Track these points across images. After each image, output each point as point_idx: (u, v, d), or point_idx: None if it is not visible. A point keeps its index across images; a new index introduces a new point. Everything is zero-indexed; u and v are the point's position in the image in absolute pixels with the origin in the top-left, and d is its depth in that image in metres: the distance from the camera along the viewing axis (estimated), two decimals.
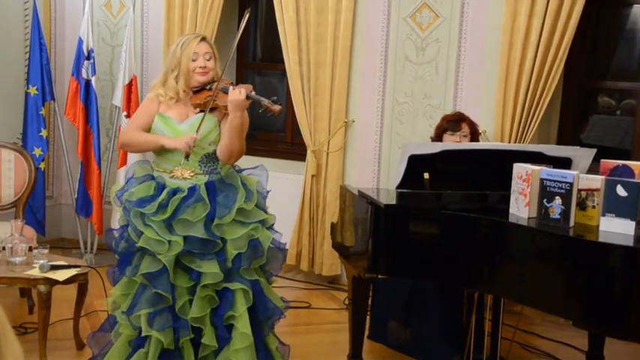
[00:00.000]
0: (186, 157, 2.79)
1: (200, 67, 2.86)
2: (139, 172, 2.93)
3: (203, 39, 2.91)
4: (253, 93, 2.80)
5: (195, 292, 2.78)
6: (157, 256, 2.74)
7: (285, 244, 3.08)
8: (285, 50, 4.75)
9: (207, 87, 2.89)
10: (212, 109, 2.83)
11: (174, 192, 2.81)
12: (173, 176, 2.85)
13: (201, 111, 2.84)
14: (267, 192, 2.96)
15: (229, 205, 2.80)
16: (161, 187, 2.84)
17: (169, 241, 2.75)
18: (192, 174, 2.84)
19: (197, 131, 2.78)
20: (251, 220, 2.83)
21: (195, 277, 2.77)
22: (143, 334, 2.77)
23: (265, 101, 2.76)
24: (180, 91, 2.88)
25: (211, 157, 2.87)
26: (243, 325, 2.78)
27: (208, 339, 2.78)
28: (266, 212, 2.91)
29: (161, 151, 2.88)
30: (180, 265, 2.78)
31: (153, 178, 2.89)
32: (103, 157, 5.20)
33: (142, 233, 2.77)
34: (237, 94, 2.73)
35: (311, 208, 4.81)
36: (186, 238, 2.76)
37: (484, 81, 4.36)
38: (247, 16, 2.79)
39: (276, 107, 2.75)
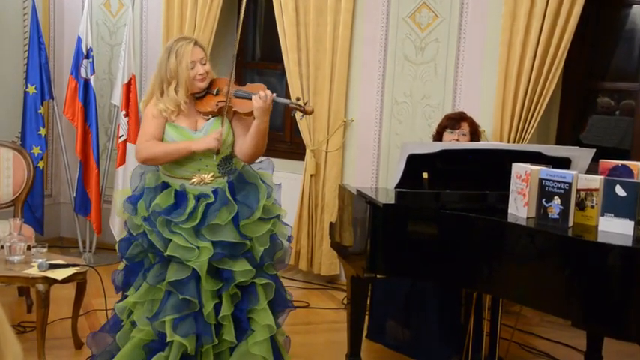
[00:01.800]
0: (217, 152, 2.79)
1: (200, 75, 2.84)
2: (153, 182, 2.90)
3: (195, 43, 2.86)
4: (275, 95, 2.79)
5: (220, 294, 2.79)
6: (186, 262, 2.73)
7: (292, 236, 3.12)
8: (284, 50, 4.75)
9: (214, 92, 2.87)
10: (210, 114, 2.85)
11: (198, 198, 2.80)
12: (193, 183, 2.83)
13: (214, 116, 2.85)
14: (279, 185, 3.00)
15: (252, 204, 2.82)
16: (181, 194, 2.83)
17: (198, 247, 2.75)
18: (212, 178, 2.84)
19: (222, 125, 2.80)
20: (271, 215, 2.88)
21: (228, 276, 2.77)
22: (168, 339, 2.74)
23: (293, 103, 2.79)
24: (181, 102, 2.83)
25: (228, 159, 2.89)
26: (265, 318, 2.81)
27: (229, 335, 2.79)
28: (280, 207, 2.95)
29: (179, 159, 2.85)
30: (208, 269, 2.77)
31: (167, 185, 2.87)
32: (102, 156, 5.20)
33: (170, 241, 2.75)
34: (264, 101, 2.72)
35: (310, 208, 4.81)
36: (215, 243, 2.75)
37: (483, 81, 4.36)
38: (244, 2, 2.83)
39: (309, 107, 2.79)
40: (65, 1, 5.49)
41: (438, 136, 3.78)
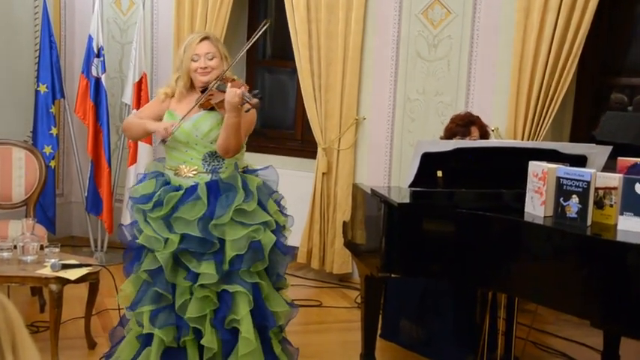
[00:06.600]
0: (163, 141, 2.83)
1: (200, 68, 2.85)
2: (150, 169, 2.97)
3: (205, 39, 2.88)
4: (245, 91, 2.72)
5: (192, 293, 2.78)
6: (154, 253, 2.76)
7: (292, 247, 3.02)
8: (295, 47, 4.72)
9: (214, 87, 2.88)
10: (212, 108, 2.83)
11: (175, 189, 2.81)
12: (177, 174, 2.85)
13: (205, 110, 2.86)
14: (281, 196, 2.95)
15: (227, 206, 2.77)
16: (164, 184, 2.85)
17: (166, 239, 2.75)
18: (195, 172, 2.84)
19: (181, 120, 2.81)
20: (253, 221, 2.78)
21: (192, 278, 2.75)
22: (145, 331, 2.79)
23: (246, 96, 2.70)
24: (177, 91, 2.90)
25: (215, 156, 2.85)
26: (246, 330, 2.74)
27: (208, 340, 2.75)
28: (270, 215, 2.84)
29: (168, 149, 2.89)
30: (182, 265, 2.78)
31: (162, 175, 2.90)
32: (113, 155, 5.19)
33: (143, 230, 2.80)
34: (233, 96, 2.67)
35: (322, 206, 4.79)
36: (183, 237, 2.75)
37: (497, 78, 4.32)
38: (266, 25, 2.84)
39: (254, 100, 2.68)
40: (76, 0, 5.48)
41: None
